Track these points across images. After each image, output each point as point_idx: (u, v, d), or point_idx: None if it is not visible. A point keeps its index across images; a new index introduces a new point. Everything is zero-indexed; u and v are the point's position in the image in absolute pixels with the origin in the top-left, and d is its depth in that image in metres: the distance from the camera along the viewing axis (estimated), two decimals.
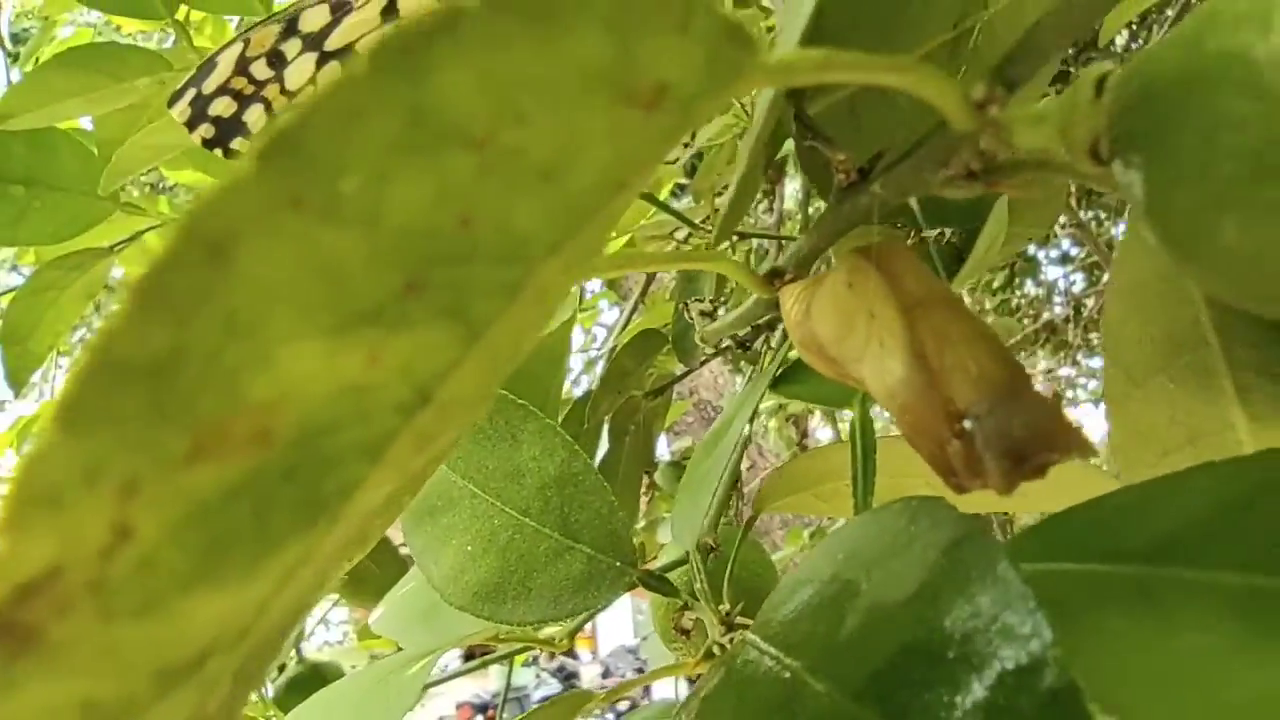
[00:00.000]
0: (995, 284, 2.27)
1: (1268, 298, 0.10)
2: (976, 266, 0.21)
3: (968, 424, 0.12)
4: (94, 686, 0.07)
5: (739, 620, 0.25)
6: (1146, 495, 0.13)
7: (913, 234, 0.21)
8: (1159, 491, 0.13)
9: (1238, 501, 0.13)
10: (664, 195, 1.06)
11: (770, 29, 0.66)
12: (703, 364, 0.69)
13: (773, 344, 0.42)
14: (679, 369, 0.69)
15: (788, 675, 0.14)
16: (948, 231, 0.22)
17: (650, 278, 0.91)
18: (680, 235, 0.75)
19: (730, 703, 0.16)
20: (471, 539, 0.29)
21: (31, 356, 0.69)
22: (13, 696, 0.07)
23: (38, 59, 1.07)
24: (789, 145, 0.26)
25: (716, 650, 0.25)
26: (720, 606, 0.26)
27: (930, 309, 0.13)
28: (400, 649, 0.40)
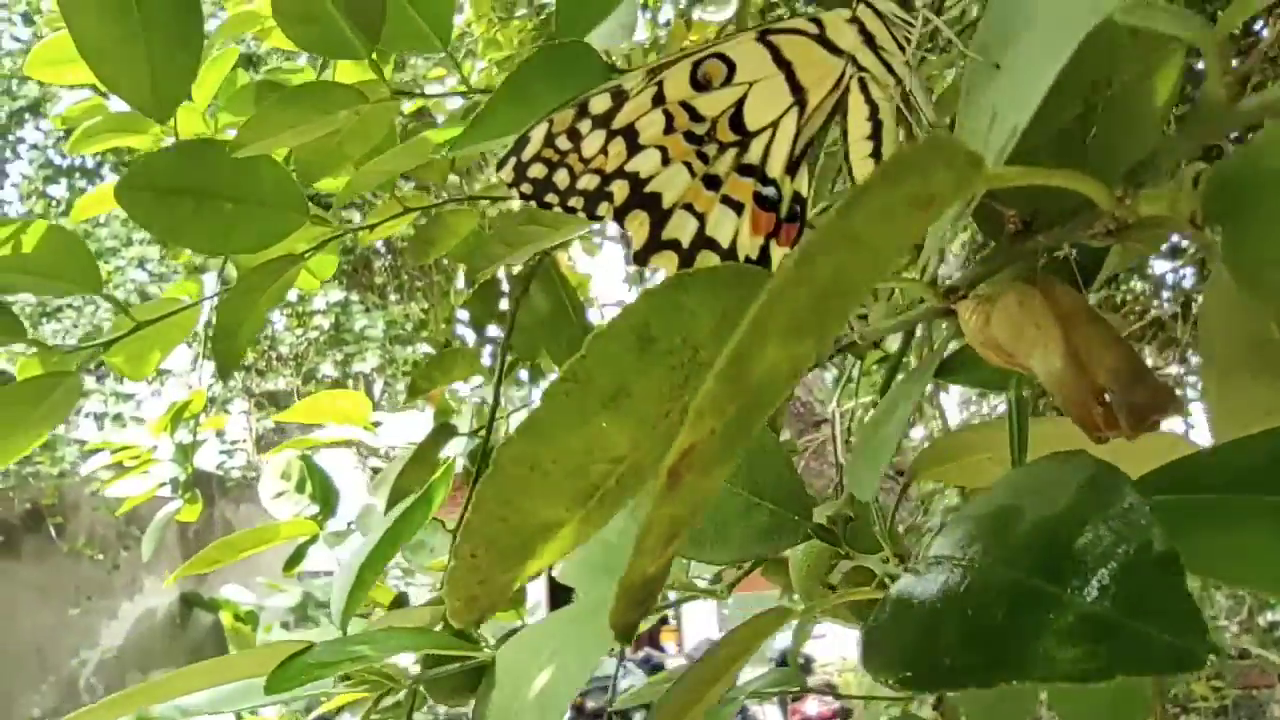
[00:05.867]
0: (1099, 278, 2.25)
1: None
2: (1103, 280, 0.27)
3: (1107, 397, 0.19)
4: (678, 511, 0.14)
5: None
6: (1226, 449, 0.20)
7: (1045, 253, 0.27)
8: (1235, 446, 0.20)
9: None
10: None
11: None
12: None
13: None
14: None
15: (975, 568, 0.21)
16: (1074, 251, 0.28)
17: None
18: None
19: (926, 595, 0.23)
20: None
21: (237, 350, 0.79)
22: (661, 508, 0.14)
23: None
24: None
25: (888, 580, 0.32)
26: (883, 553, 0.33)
27: (1079, 321, 0.19)
28: None
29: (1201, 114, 0.17)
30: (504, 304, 1.12)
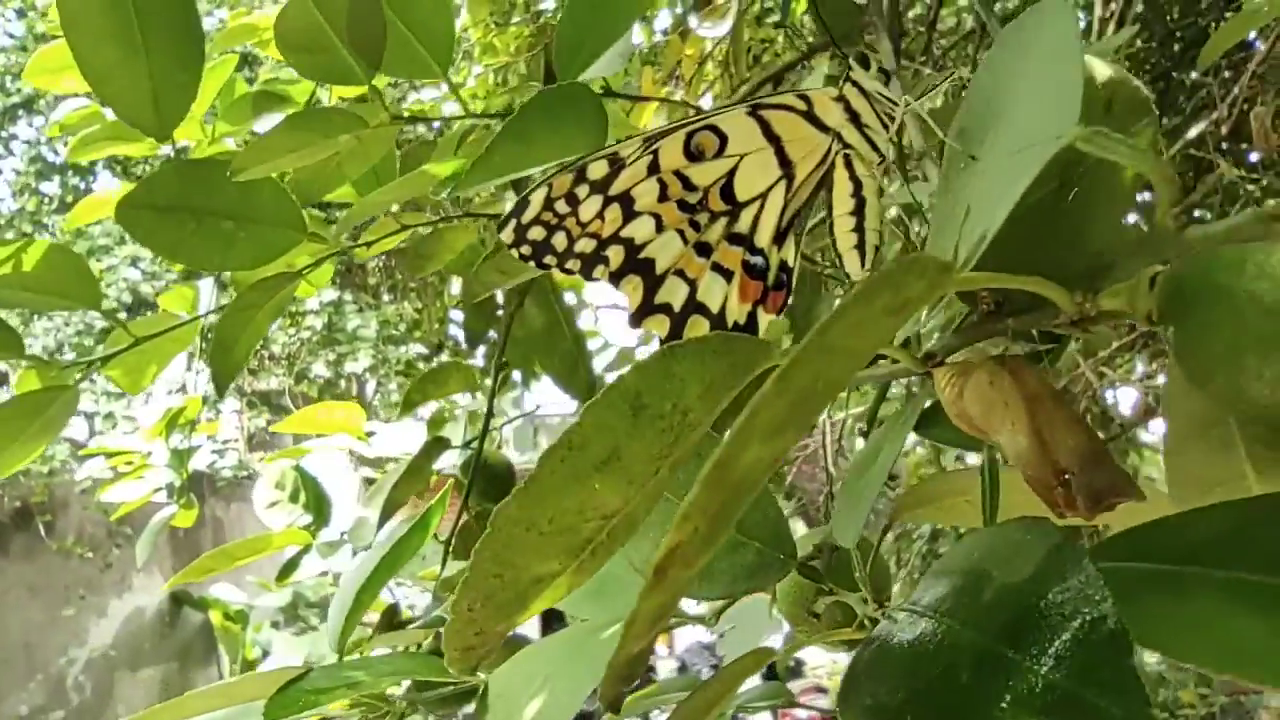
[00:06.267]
0: None
1: (1241, 409, 0.17)
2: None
3: (1068, 477, 0.20)
4: (664, 600, 0.16)
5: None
6: (1181, 521, 0.21)
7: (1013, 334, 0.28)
8: (1190, 518, 0.21)
9: (1241, 526, 0.21)
10: None
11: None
12: None
13: None
14: None
15: (944, 628, 0.23)
16: None
17: None
18: None
19: (900, 647, 0.24)
20: (665, 534, 0.38)
21: (234, 364, 0.80)
22: (648, 599, 0.15)
23: None
24: None
25: (867, 622, 0.33)
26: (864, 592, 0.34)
27: (1043, 402, 0.21)
28: None
29: (1153, 240, 0.19)
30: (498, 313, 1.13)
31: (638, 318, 0.29)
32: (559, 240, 0.29)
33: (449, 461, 1.04)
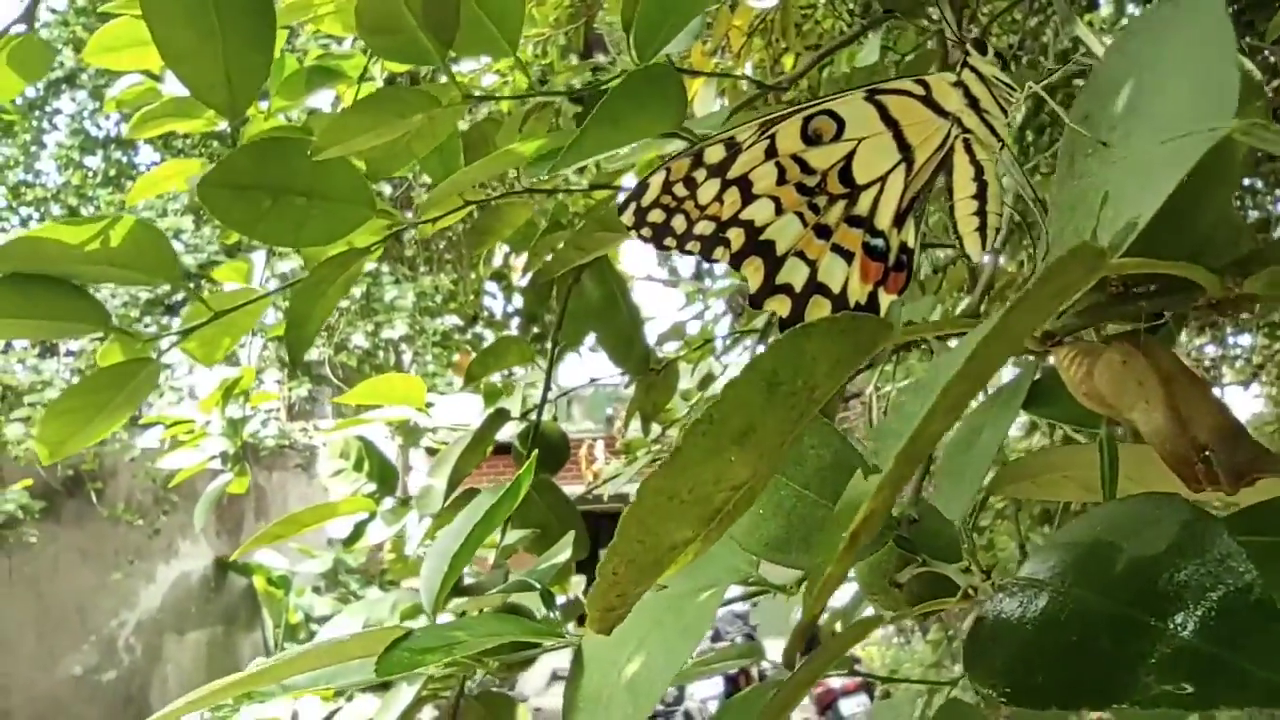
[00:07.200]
0: None
1: None
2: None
3: (1208, 453, 0.21)
4: (849, 565, 0.17)
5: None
6: None
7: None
8: None
9: None
10: None
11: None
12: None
13: None
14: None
15: (1074, 597, 0.24)
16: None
17: None
18: None
19: (1024, 616, 0.25)
20: (763, 505, 0.39)
21: (306, 339, 0.82)
22: (842, 563, 0.16)
23: None
24: None
25: (971, 592, 0.34)
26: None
27: (1179, 381, 0.22)
28: None
29: None
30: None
31: (760, 297, 0.30)
32: (678, 223, 0.30)
33: (509, 432, 1.06)
